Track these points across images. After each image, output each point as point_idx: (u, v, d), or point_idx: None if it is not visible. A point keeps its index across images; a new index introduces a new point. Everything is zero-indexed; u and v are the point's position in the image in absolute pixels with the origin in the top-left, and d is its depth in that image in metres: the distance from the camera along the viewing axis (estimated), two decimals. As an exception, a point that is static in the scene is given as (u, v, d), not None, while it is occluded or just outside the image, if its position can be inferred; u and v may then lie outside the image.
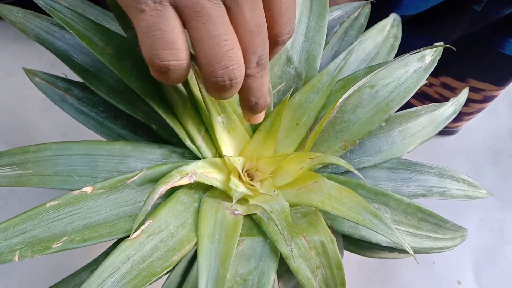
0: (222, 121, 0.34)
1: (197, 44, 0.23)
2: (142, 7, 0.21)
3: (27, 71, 0.32)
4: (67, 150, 0.30)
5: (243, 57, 0.24)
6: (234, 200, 0.29)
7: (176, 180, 0.28)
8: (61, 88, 0.33)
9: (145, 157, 0.32)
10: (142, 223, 0.27)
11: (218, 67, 0.23)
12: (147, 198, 0.26)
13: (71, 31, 0.27)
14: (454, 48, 0.33)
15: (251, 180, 0.38)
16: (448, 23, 0.49)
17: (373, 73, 0.32)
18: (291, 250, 0.26)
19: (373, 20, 0.42)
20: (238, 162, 0.36)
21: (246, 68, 0.24)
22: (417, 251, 0.38)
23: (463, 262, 0.62)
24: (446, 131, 0.71)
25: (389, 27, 0.42)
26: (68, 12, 0.29)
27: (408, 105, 0.38)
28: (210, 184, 0.31)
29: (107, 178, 0.28)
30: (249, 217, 0.35)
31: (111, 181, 0.28)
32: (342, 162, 0.32)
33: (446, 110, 0.42)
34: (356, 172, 0.29)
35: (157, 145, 0.33)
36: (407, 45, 0.39)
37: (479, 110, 0.63)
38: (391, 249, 0.39)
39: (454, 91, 0.58)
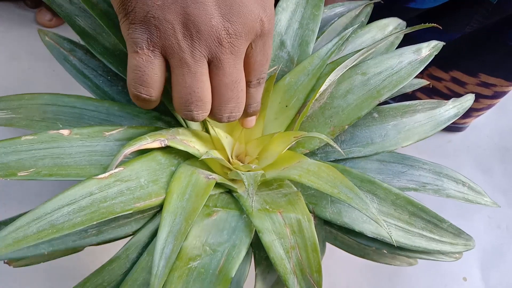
0: None
1: (174, 85, 0.27)
2: (136, 49, 0.25)
3: (40, 31, 0.35)
4: (57, 101, 0.32)
5: (217, 106, 0.29)
6: (204, 156, 0.29)
7: (146, 143, 0.28)
8: (66, 49, 0.35)
9: (131, 119, 0.33)
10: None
11: (185, 109, 0.28)
12: (113, 159, 0.27)
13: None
14: (443, 43, 0.33)
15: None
16: (462, 16, 0.48)
17: (361, 52, 0.33)
18: (252, 202, 0.26)
19: (382, 16, 0.42)
20: (226, 140, 0.36)
21: (217, 115, 0.30)
22: (408, 248, 0.36)
23: (469, 259, 0.60)
24: (454, 127, 0.70)
25: (392, 29, 0.43)
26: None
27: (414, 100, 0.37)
28: (185, 150, 0.31)
29: (87, 126, 0.29)
30: (230, 193, 0.35)
31: (89, 130, 0.29)
32: (324, 137, 0.31)
33: (447, 111, 0.41)
34: (335, 145, 0.29)
35: (144, 111, 0.34)
36: (419, 39, 0.39)
37: (489, 106, 0.61)
38: (378, 245, 0.37)
39: (465, 86, 0.57)
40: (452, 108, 0.41)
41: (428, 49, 0.38)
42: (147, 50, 0.25)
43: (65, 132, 0.28)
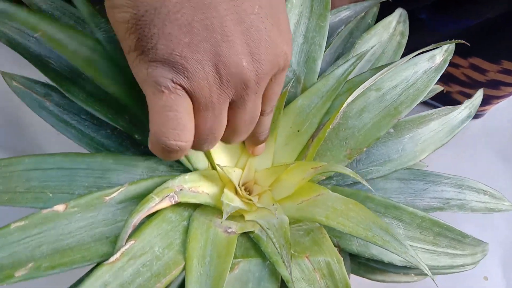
0: None
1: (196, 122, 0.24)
2: (161, 88, 0.22)
3: (4, 74, 0.30)
4: (41, 164, 0.27)
5: (228, 136, 0.27)
6: (225, 215, 0.26)
7: (154, 204, 0.25)
8: (39, 94, 0.30)
9: (129, 171, 0.29)
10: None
11: (198, 147, 0.26)
12: (121, 232, 0.23)
13: (38, 34, 0.24)
14: (468, 44, 0.30)
15: (248, 194, 0.34)
16: (484, 2, 0.45)
17: (380, 72, 0.29)
18: (290, 273, 0.23)
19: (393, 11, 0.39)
20: (234, 174, 0.33)
21: (225, 141, 0.28)
22: (434, 270, 0.34)
23: (490, 257, 0.58)
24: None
25: (395, 24, 0.39)
26: (32, 14, 0.26)
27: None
28: (198, 202, 0.28)
29: (84, 195, 0.25)
30: (246, 235, 0.32)
31: (87, 198, 0.25)
32: (348, 171, 0.29)
33: (460, 113, 0.39)
34: (363, 181, 0.26)
35: (142, 157, 0.30)
36: (435, 26, 0.36)
37: (510, 94, 0.58)
38: (405, 270, 0.35)
39: (485, 73, 0.54)
40: (464, 110, 0.39)
41: (442, 54, 0.35)
42: (174, 89, 0.22)
43: (60, 208, 0.24)
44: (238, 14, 0.22)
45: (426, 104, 0.61)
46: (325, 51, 0.34)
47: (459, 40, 0.32)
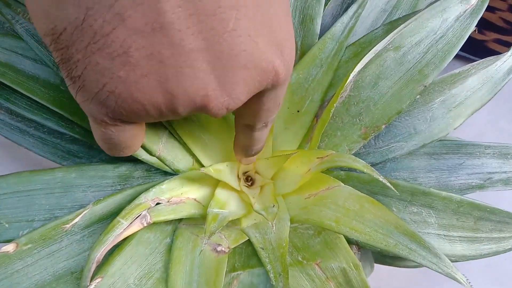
0: None
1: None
2: (97, 120, 0.18)
3: None
4: (-9, 188, 0.23)
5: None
6: (208, 236, 0.21)
7: (121, 230, 0.20)
8: (-16, 103, 0.26)
9: (97, 184, 0.24)
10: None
11: None
12: (83, 271, 0.19)
13: None
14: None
15: (250, 184, 0.29)
16: None
17: (398, 30, 0.22)
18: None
19: None
20: (225, 170, 0.28)
21: None
22: (475, 258, 0.29)
23: None
24: None
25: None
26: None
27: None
28: (179, 217, 0.23)
29: (37, 228, 0.21)
30: (247, 241, 0.27)
31: (42, 231, 0.21)
32: (361, 165, 0.23)
33: (504, 63, 0.31)
34: (386, 182, 0.20)
35: (112, 165, 0.25)
36: None
37: None
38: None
39: None
40: (510, 58, 0.31)
41: (480, -10, 0.27)
42: (113, 121, 0.18)
43: (9, 248, 0.20)
44: (202, 36, 0.15)
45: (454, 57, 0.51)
46: (327, 4, 0.27)
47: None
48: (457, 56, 0.48)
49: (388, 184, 0.22)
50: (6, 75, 0.23)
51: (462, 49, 0.31)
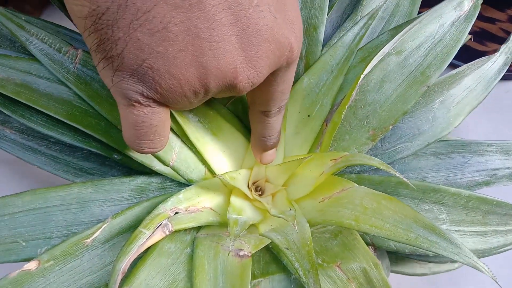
0: (199, 120, 0.26)
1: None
2: (131, 102, 0.18)
3: None
4: (8, 208, 0.23)
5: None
6: (233, 239, 0.21)
7: (144, 240, 0.20)
8: (-4, 122, 0.26)
9: (113, 198, 0.24)
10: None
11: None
12: (109, 284, 0.18)
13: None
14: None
15: (260, 194, 0.30)
16: None
17: (402, 33, 0.23)
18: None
19: None
20: (239, 178, 0.28)
21: None
22: (485, 253, 0.29)
23: None
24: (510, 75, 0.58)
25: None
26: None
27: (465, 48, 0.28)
28: (198, 224, 0.23)
29: (58, 244, 0.21)
30: (264, 248, 0.27)
31: (63, 247, 0.21)
32: (376, 162, 0.23)
33: (495, 62, 0.32)
34: (403, 178, 0.20)
35: (127, 178, 0.25)
36: None
37: None
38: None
39: None
40: (500, 56, 0.32)
41: (471, -4, 0.29)
42: (147, 103, 0.18)
43: (32, 265, 0.20)
44: (231, 11, 0.17)
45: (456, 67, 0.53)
46: (328, 14, 0.28)
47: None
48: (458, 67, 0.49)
49: (405, 179, 0.22)
50: (21, 93, 0.23)
51: (463, 60, 0.32)
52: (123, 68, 0.17)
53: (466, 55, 0.29)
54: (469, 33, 0.30)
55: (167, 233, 0.22)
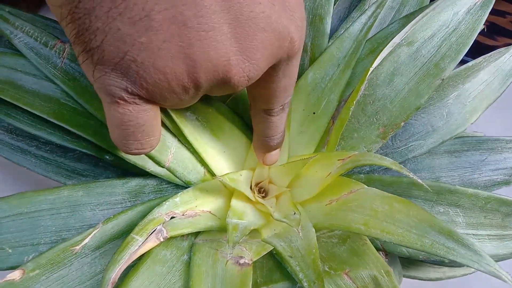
0: (197, 118, 0.24)
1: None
2: (115, 99, 0.17)
3: None
4: (-7, 212, 0.21)
5: None
6: (231, 247, 0.19)
7: (136, 248, 0.18)
8: (-18, 123, 0.24)
9: (105, 201, 0.23)
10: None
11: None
12: None
13: None
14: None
15: (263, 196, 0.28)
16: None
17: (414, 21, 0.22)
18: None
19: None
20: (241, 179, 0.26)
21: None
22: (505, 258, 0.27)
23: None
24: None
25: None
26: None
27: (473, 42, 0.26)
28: (196, 230, 0.22)
29: (45, 251, 0.19)
30: (267, 254, 0.25)
31: (49, 255, 0.19)
32: (388, 162, 0.22)
33: (512, 55, 0.30)
34: (417, 179, 0.19)
35: (120, 181, 0.23)
36: None
37: None
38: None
39: None
40: (518, 49, 0.30)
41: (488, -18, 0.27)
42: (132, 99, 0.17)
43: (15, 275, 0.18)
44: None
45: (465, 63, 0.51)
46: (334, 4, 0.26)
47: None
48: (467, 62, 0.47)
49: (419, 180, 0.20)
50: (5, 91, 0.21)
51: (473, 56, 0.30)
52: (104, 61, 0.15)
53: (475, 49, 0.27)
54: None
55: (161, 240, 0.20)
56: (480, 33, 0.27)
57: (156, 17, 0.14)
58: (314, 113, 0.26)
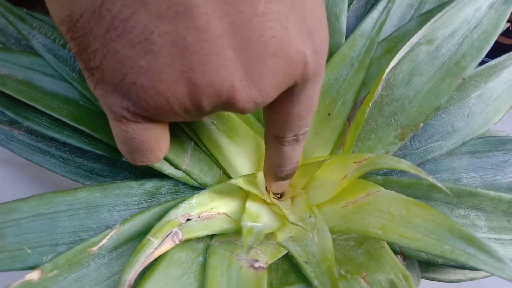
0: (213, 122, 0.24)
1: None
2: (117, 117, 0.17)
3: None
4: (14, 213, 0.22)
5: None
6: (247, 251, 0.19)
7: (152, 250, 0.19)
8: (4, 122, 0.25)
9: (122, 202, 0.23)
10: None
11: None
12: None
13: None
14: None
15: (279, 197, 0.28)
16: None
17: (434, 19, 0.21)
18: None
19: None
20: (256, 181, 0.26)
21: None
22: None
23: None
24: None
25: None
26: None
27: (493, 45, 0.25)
28: (212, 232, 0.22)
29: (62, 253, 0.20)
30: (283, 256, 0.25)
31: (67, 255, 0.19)
32: (406, 166, 0.21)
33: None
34: (437, 183, 0.18)
35: (137, 182, 0.24)
36: None
37: None
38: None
39: None
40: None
41: (512, -24, 0.26)
42: (135, 118, 0.17)
43: (34, 276, 0.19)
44: (229, 20, 0.14)
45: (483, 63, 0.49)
46: (351, 5, 0.26)
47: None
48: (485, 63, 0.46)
49: (439, 184, 0.20)
50: (23, 92, 0.22)
51: (489, 55, 0.29)
52: (104, 81, 0.15)
53: (495, 49, 0.26)
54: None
55: (177, 242, 0.20)
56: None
57: (156, 41, 0.14)
58: (329, 114, 0.26)
